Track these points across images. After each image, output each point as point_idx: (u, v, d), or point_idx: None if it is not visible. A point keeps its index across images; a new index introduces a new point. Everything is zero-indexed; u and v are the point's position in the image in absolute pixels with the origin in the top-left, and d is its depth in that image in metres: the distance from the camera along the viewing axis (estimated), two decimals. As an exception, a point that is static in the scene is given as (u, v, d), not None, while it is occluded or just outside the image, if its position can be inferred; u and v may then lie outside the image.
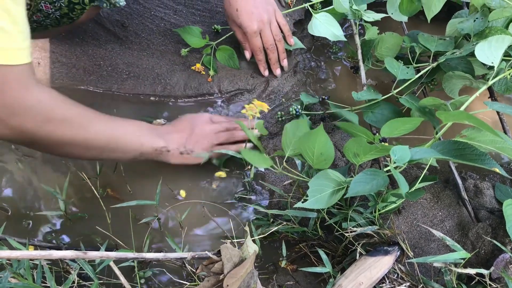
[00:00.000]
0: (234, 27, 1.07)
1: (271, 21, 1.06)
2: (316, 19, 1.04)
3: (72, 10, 0.92)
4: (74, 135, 0.79)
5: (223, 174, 1.01)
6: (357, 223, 0.83)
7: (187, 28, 1.11)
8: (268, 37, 1.07)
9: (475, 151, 0.74)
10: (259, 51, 1.08)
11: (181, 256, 0.71)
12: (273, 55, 1.10)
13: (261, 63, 1.11)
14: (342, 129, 0.91)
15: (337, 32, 1.04)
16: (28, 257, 0.56)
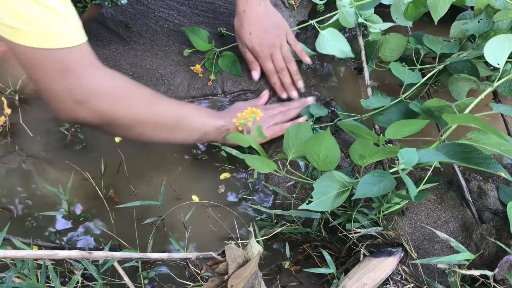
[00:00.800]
0: (244, 48, 1.08)
1: (282, 45, 1.07)
2: (323, 36, 1.04)
3: None
4: (145, 114, 0.82)
5: (227, 175, 1.01)
6: (361, 224, 0.83)
7: (196, 30, 1.11)
8: (279, 62, 1.07)
9: (481, 155, 0.74)
10: (273, 74, 1.08)
11: (186, 256, 0.71)
12: (285, 79, 1.09)
13: (276, 85, 1.10)
14: (347, 131, 0.91)
15: (344, 48, 1.04)
16: (33, 257, 0.56)
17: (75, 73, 0.72)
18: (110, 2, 0.95)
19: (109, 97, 0.77)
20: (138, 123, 0.82)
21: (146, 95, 0.84)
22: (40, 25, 0.66)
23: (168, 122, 0.86)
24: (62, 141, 1.03)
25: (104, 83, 0.76)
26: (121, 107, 0.79)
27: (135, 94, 0.82)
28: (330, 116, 1.07)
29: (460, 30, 1.03)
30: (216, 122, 0.93)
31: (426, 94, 1.08)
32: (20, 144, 1.03)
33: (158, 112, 0.84)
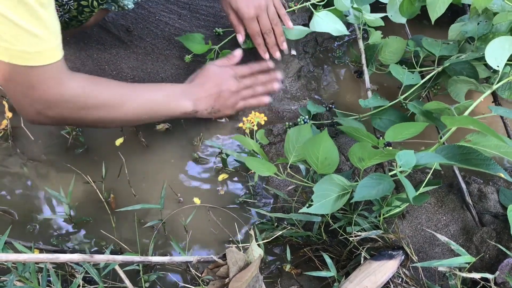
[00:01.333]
0: (229, 10, 1.06)
1: (268, 6, 1.05)
2: (317, 17, 1.04)
3: (81, 13, 0.93)
4: (108, 115, 0.88)
5: (225, 175, 1.02)
6: (361, 228, 0.83)
7: (189, 36, 1.11)
8: (265, 22, 1.05)
9: (480, 156, 0.75)
10: (257, 35, 1.06)
11: (187, 259, 0.71)
12: (270, 39, 1.08)
13: (260, 46, 1.08)
14: (347, 134, 0.91)
15: (340, 27, 1.04)
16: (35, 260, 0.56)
17: (37, 89, 0.77)
18: (117, 6, 0.95)
19: (68, 107, 0.82)
20: (102, 122, 0.89)
21: (109, 98, 0.88)
22: (12, 44, 0.70)
23: (134, 117, 0.92)
24: (63, 144, 1.04)
25: (63, 94, 0.81)
26: (80, 113, 0.85)
27: (96, 100, 0.86)
28: (328, 115, 1.08)
29: (459, 32, 1.04)
30: (184, 107, 0.96)
31: (426, 97, 1.09)
32: (22, 148, 1.03)
33: (123, 112, 0.89)
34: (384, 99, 0.99)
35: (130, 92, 0.92)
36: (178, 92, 0.98)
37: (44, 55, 0.74)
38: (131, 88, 0.93)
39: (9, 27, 0.69)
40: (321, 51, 1.27)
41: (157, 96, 0.95)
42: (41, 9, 0.70)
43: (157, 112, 0.94)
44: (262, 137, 0.93)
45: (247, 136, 0.92)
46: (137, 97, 0.92)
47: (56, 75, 0.78)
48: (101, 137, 1.05)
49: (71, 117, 0.85)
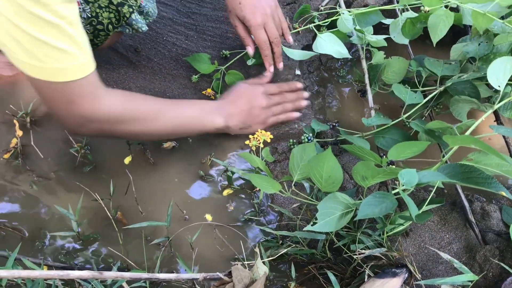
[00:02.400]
0: (236, 22, 1.07)
1: (273, 16, 1.06)
2: (320, 38, 1.06)
3: (96, 37, 0.96)
4: (144, 129, 0.94)
5: (230, 191, 1.03)
6: (365, 245, 0.84)
7: (196, 56, 1.14)
8: (273, 30, 1.05)
9: (482, 175, 0.76)
10: (265, 44, 1.06)
11: (193, 277, 0.72)
12: (278, 48, 1.09)
13: (267, 58, 1.09)
14: (350, 152, 0.93)
15: (342, 50, 1.06)
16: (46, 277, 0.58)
17: (77, 103, 0.82)
18: (131, 29, 0.98)
19: (107, 121, 0.88)
20: (138, 135, 0.96)
21: (145, 112, 0.93)
22: (48, 63, 0.75)
23: (168, 131, 0.98)
24: (72, 162, 1.06)
25: (102, 109, 0.86)
26: (118, 127, 0.91)
27: (133, 114, 0.91)
28: (332, 133, 1.09)
29: (460, 52, 1.06)
30: (217, 124, 1.01)
31: (429, 116, 1.10)
32: (31, 165, 1.05)
33: (158, 126, 0.95)
34: (387, 118, 1.00)
35: (165, 107, 0.97)
36: (211, 108, 1.02)
37: (76, 69, 0.78)
38: (166, 103, 0.99)
39: (41, 47, 0.73)
40: (325, 70, 1.29)
41: (190, 112, 1.00)
42: (69, 27, 0.74)
43: (190, 126, 1.00)
44: (267, 154, 0.94)
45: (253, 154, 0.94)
46: (172, 112, 0.97)
47: (93, 90, 0.84)
48: (109, 155, 1.07)
49: (110, 130, 0.90)
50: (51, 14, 0.71)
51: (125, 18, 0.95)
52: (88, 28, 0.93)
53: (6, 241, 0.95)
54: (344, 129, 1.06)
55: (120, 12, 0.93)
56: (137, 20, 0.97)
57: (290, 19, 1.26)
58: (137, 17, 0.97)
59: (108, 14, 0.93)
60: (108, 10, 0.92)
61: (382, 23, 1.14)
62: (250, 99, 1.05)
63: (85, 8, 0.90)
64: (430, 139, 0.96)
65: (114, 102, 0.88)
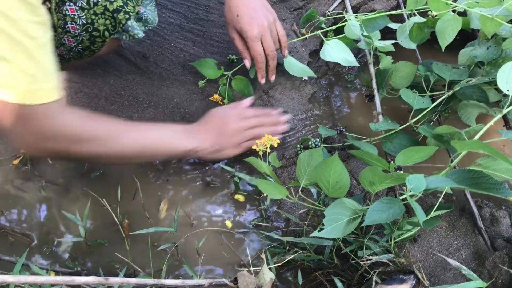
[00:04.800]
0: (234, 34, 1.07)
1: (271, 29, 1.06)
2: (327, 46, 1.06)
3: (93, 43, 0.96)
4: (104, 150, 0.87)
5: (241, 197, 1.03)
6: (372, 252, 0.83)
7: (202, 61, 1.14)
8: (269, 43, 1.05)
9: (490, 180, 0.75)
10: (260, 57, 1.06)
11: (199, 283, 0.72)
12: (272, 62, 1.08)
13: (260, 71, 1.08)
14: (357, 157, 0.92)
15: (349, 57, 1.06)
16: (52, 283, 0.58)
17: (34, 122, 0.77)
18: (128, 35, 0.99)
19: (63, 139, 0.82)
20: (98, 157, 0.88)
21: (105, 132, 0.87)
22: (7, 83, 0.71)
23: (131, 154, 0.91)
24: (79, 168, 1.06)
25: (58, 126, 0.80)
26: (72, 147, 0.84)
27: (92, 133, 0.85)
28: (339, 138, 1.09)
29: (468, 57, 1.05)
30: (186, 146, 0.96)
31: (437, 121, 1.09)
32: (40, 171, 1.06)
33: (119, 148, 0.89)
34: (395, 123, 0.99)
35: (129, 128, 0.92)
36: (178, 130, 0.99)
37: (40, 94, 0.75)
38: (131, 125, 0.95)
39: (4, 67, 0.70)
40: (333, 75, 1.29)
41: (156, 133, 0.95)
42: (38, 50, 0.72)
43: (156, 149, 0.95)
44: (274, 160, 0.94)
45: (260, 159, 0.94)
46: (135, 133, 0.92)
47: (52, 110, 0.79)
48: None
49: (67, 150, 0.84)
50: (20, 32, 0.69)
51: (121, 25, 0.95)
52: (84, 35, 0.93)
53: (14, 246, 0.96)
54: (352, 134, 1.05)
55: (116, 19, 0.93)
56: (133, 27, 0.97)
57: (297, 24, 1.26)
58: (133, 24, 0.97)
59: (104, 21, 0.93)
60: (104, 16, 0.92)
61: (389, 28, 1.14)
62: (221, 121, 1.02)
63: (80, 15, 0.90)
64: (438, 144, 0.96)
65: (72, 120, 0.83)
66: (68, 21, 0.88)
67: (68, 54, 0.96)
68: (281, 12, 1.28)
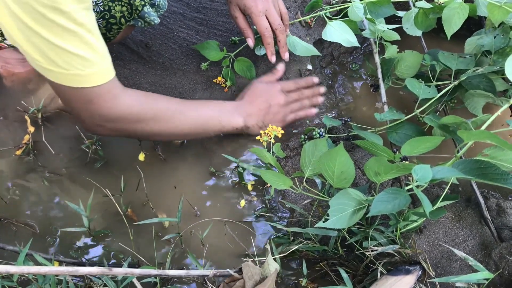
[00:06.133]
0: (237, 12, 1.05)
1: (274, 4, 1.05)
2: (330, 26, 1.04)
3: (109, 30, 0.96)
4: (163, 128, 0.94)
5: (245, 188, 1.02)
6: (378, 242, 0.82)
7: (205, 44, 1.13)
8: (275, 17, 1.04)
9: (497, 170, 0.74)
10: (267, 32, 1.04)
11: (203, 273, 0.72)
12: (282, 36, 1.07)
13: (270, 46, 1.07)
14: (363, 148, 0.91)
15: (351, 38, 1.04)
16: (55, 273, 0.58)
17: (95, 104, 0.84)
18: (143, 22, 0.98)
19: (125, 120, 0.89)
20: (155, 135, 0.96)
21: (164, 112, 0.94)
22: (68, 69, 0.78)
23: (185, 132, 0.98)
24: (83, 158, 1.06)
25: (120, 109, 0.87)
26: (137, 126, 0.91)
27: (151, 114, 0.92)
28: (344, 128, 1.08)
29: (475, 45, 1.04)
30: (235, 124, 1.01)
31: (443, 111, 1.08)
32: (43, 162, 1.05)
33: (175, 126, 0.95)
34: (400, 113, 0.98)
35: (184, 107, 0.97)
36: (229, 108, 1.02)
37: (96, 76, 0.80)
38: (185, 103, 0.99)
39: (61, 54, 0.75)
40: (338, 65, 1.28)
41: (209, 112, 1.00)
42: (88, 34, 0.77)
43: (209, 126, 1.00)
44: (278, 150, 0.93)
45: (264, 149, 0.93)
46: (191, 112, 0.97)
47: (111, 91, 0.85)
48: (120, 151, 1.07)
49: (129, 129, 0.91)
50: (70, 21, 0.73)
51: (137, 11, 0.95)
52: (101, 22, 0.92)
53: (18, 236, 0.95)
54: (357, 124, 1.05)
55: (132, 5, 0.93)
56: (149, 13, 0.96)
57: (301, 13, 1.25)
58: (149, 10, 0.96)
59: (121, 8, 0.93)
60: (121, 3, 0.92)
61: (395, 17, 1.13)
62: (268, 98, 1.05)
63: (98, 2, 0.90)
64: (444, 134, 0.95)
65: (132, 101, 0.89)
66: None
67: None
68: (286, 1, 1.26)
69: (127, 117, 0.89)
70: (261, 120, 1.04)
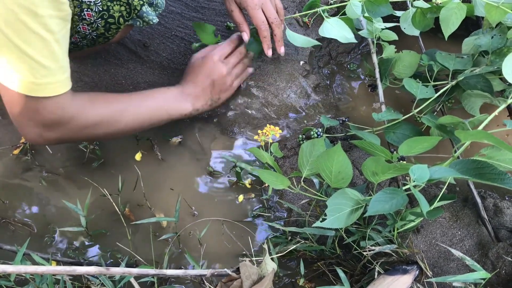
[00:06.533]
0: (233, 6, 1.04)
1: None
2: (327, 23, 1.04)
3: (108, 30, 0.95)
4: (109, 130, 0.92)
5: (242, 187, 1.02)
6: (375, 242, 0.83)
7: (202, 25, 1.12)
8: (271, 10, 1.03)
9: (495, 170, 0.74)
10: (263, 25, 1.02)
11: (201, 273, 0.72)
12: (278, 30, 1.05)
13: (266, 40, 1.05)
14: (360, 148, 0.92)
15: (348, 35, 1.04)
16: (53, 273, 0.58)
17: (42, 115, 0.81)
18: (142, 22, 0.98)
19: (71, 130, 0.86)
20: (104, 137, 0.95)
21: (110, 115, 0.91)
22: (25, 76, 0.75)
23: (134, 128, 0.96)
24: (80, 158, 1.06)
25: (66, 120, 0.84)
26: (84, 132, 0.89)
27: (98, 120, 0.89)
28: (341, 128, 1.08)
29: (472, 46, 1.04)
30: (183, 110, 1.00)
31: (440, 111, 1.09)
32: (40, 161, 1.05)
33: (122, 126, 0.93)
34: (398, 113, 0.99)
35: (129, 103, 0.95)
36: (174, 95, 1.01)
37: (51, 87, 0.78)
38: (129, 99, 0.96)
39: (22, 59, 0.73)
40: (335, 64, 1.28)
41: (154, 103, 0.98)
42: (55, 44, 0.75)
43: (157, 118, 0.98)
44: (276, 150, 0.93)
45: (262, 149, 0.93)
46: (135, 108, 0.95)
47: (60, 103, 0.82)
48: (118, 151, 1.07)
49: (75, 137, 0.89)
50: (41, 26, 0.71)
51: (136, 11, 0.94)
52: (100, 22, 0.92)
53: (15, 236, 0.95)
54: (354, 124, 1.05)
55: (131, 5, 0.93)
56: (147, 12, 0.96)
57: (299, 12, 1.25)
58: (148, 9, 0.96)
59: (119, 7, 0.92)
60: (119, 3, 0.92)
61: (393, 17, 1.13)
62: (209, 73, 1.03)
63: (97, 2, 0.89)
64: (441, 134, 0.95)
65: (77, 108, 0.86)
66: (84, 8, 0.87)
67: (82, 41, 0.95)
68: (284, 1, 1.26)
69: (71, 124, 0.86)
70: (209, 97, 1.03)
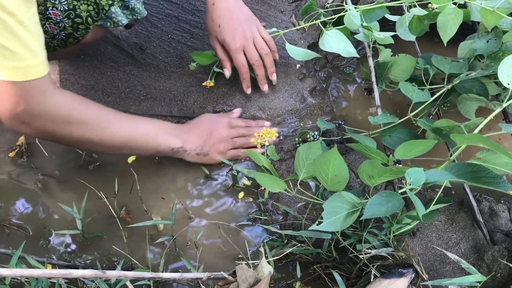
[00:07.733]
0: (216, 44, 1.06)
1: (254, 37, 1.05)
2: (327, 36, 1.04)
3: (76, 30, 0.94)
4: (91, 136, 0.87)
5: (239, 190, 1.02)
6: (371, 245, 0.83)
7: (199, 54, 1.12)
8: (253, 53, 1.05)
9: (490, 174, 0.74)
10: (243, 68, 1.06)
11: (197, 276, 0.71)
12: (259, 71, 1.08)
13: (245, 81, 1.09)
14: (356, 151, 0.92)
15: (349, 48, 1.04)
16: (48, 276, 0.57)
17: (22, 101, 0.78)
18: (112, 23, 0.97)
19: (51, 119, 0.83)
20: (84, 143, 0.89)
21: (94, 118, 0.88)
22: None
23: (117, 144, 0.92)
24: (76, 160, 1.06)
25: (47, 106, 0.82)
26: (66, 128, 0.85)
27: (80, 117, 0.86)
28: (338, 131, 1.08)
29: (468, 50, 1.04)
30: (172, 143, 0.97)
31: (436, 115, 1.09)
32: (36, 164, 1.05)
33: (107, 136, 0.89)
34: (394, 116, 0.99)
35: (118, 118, 0.92)
36: (168, 128, 0.99)
37: (24, 71, 0.75)
38: (119, 115, 0.94)
39: None
40: (331, 68, 1.28)
41: (145, 128, 0.96)
42: (18, 26, 0.72)
43: (143, 143, 0.94)
44: (272, 153, 0.94)
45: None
46: (124, 124, 0.92)
47: (40, 87, 0.79)
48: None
49: (55, 132, 0.85)
50: None
51: (104, 11, 0.93)
52: (66, 22, 0.91)
53: (10, 239, 0.95)
54: (350, 128, 1.05)
55: (99, 5, 0.92)
56: (116, 13, 0.95)
57: (295, 16, 1.25)
58: (117, 10, 0.95)
59: (87, 7, 0.91)
60: (86, 2, 0.90)
61: (389, 21, 1.13)
62: (211, 127, 1.02)
63: (62, 0, 0.88)
64: (437, 137, 0.95)
65: (63, 101, 0.84)
66: (49, 7, 0.86)
67: (52, 41, 0.94)
68: (280, 4, 1.27)
69: (54, 116, 0.83)
70: (200, 146, 1.00)
